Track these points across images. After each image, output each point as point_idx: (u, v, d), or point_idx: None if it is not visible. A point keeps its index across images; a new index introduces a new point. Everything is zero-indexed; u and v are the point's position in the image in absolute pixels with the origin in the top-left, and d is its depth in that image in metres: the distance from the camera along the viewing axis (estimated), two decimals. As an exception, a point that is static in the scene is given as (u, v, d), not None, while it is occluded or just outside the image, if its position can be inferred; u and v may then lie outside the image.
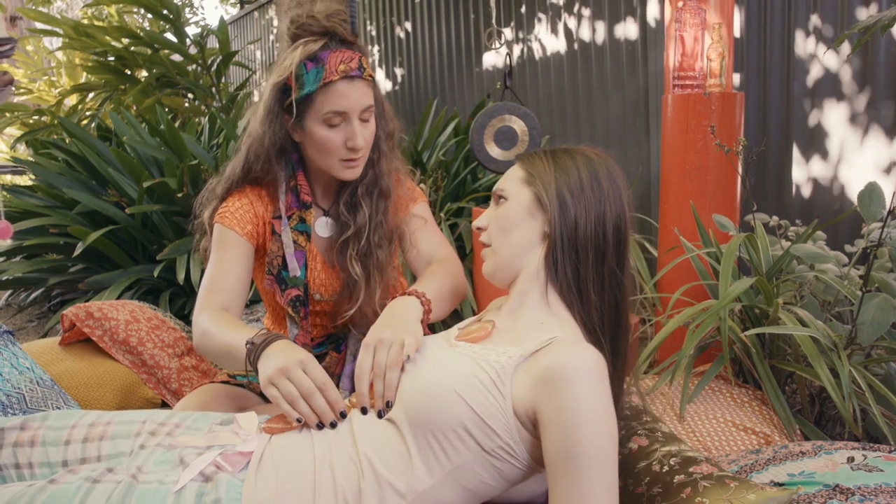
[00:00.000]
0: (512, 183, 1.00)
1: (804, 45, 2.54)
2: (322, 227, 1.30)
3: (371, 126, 1.21)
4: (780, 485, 0.98)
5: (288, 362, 0.92)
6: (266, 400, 1.33)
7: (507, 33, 3.99)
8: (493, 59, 4.20)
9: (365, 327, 1.30)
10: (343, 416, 0.92)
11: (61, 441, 0.97)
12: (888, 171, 2.33)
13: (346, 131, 1.17)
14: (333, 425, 0.91)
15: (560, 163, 0.98)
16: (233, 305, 1.18)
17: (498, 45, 2.80)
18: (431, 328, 1.80)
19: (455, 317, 2.70)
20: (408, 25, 4.98)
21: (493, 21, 3.13)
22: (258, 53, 7.38)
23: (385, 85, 5.34)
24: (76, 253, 2.60)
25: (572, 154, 0.99)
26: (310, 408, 0.90)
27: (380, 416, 0.90)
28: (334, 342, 1.35)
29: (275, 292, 1.27)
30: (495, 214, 1.01)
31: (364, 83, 1.17)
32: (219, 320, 1.10)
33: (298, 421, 0.90)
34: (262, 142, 1.24)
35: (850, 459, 1.02)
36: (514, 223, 0.97)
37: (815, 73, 2.51)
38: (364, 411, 0.91)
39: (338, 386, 1.30)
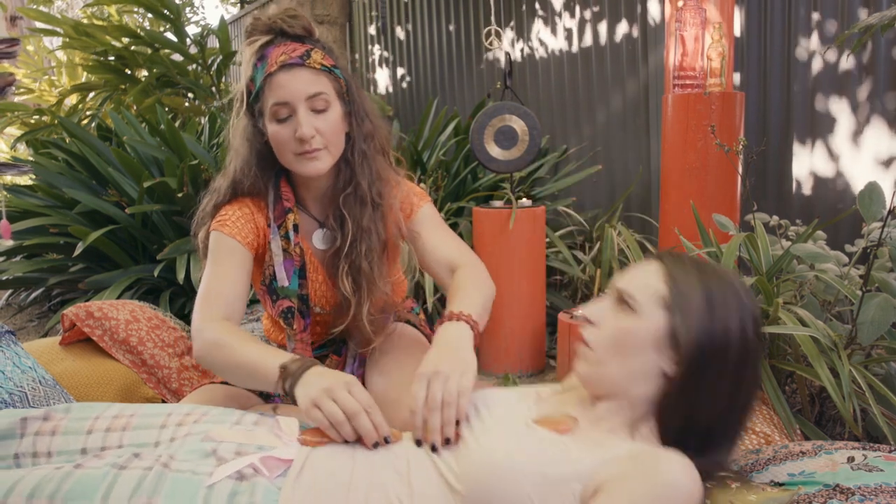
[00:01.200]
0: (647, 295, 0.84)
1: (804, 44, 2.54)
2: (319, 239, 1.27)
3: (329, 117, 1.15)
4: (781, 485, 0.98)
5: (333, 383, 0.91)
6: (266, 399, 1.33)
7: (508, 33, 3.98)
8: (493, 58, 4.20)
9: (359, 339, 1.28)
10: (387, 440, 0.89)
11: (83, 431, 0.95)
12: (889, 170, 2.33)
13: (294, 122, 1.13)
14: (376, 446, 0.88)
15: (712, 299, 0.82)
16: (234, 315, 1.15)
17: (497, 45, 2.79)
18: (429, 320, 1.80)
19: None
20: (408, 25, 4.98)
21: (493, 20, 3.13)
22: (258, 53, 7.37)
23: (385, 85, 5.34)
24: (76, 253, 2.60)
25: (726, 291, 0.83)
26: (352, 429, 0.88)
27: (433, 449, 0.86)
28: (334, 345, 1.35)
29: (266, 303, 1.24)
30: (615, 323, 0.86)
31: (308, 71, 1.12)
32: (233, 334, 1.07)
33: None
34: (242, 154, 1.22)
35: (851, 459, 1.02)
36: (634, 349, 0.83)
37: (815, 72, 2.51)
38: (419, 443, 0.88)
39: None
